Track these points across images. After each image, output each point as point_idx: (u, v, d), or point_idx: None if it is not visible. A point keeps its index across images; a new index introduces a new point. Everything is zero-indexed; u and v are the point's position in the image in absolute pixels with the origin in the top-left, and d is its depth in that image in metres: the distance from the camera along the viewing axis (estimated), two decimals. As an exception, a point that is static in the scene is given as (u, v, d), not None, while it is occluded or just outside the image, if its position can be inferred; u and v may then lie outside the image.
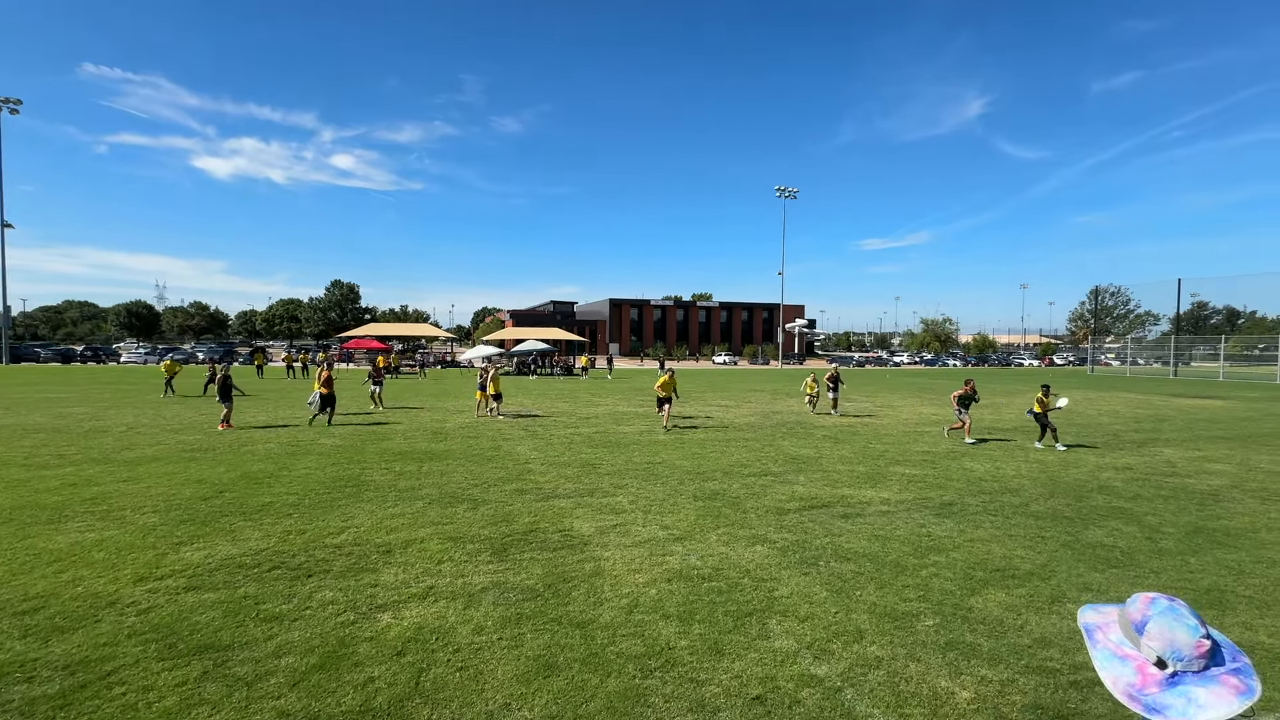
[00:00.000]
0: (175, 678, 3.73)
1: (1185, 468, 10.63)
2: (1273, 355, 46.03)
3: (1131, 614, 1.18)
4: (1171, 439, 14.08)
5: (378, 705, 3.49)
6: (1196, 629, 1.10)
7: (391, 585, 5.17)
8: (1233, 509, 7.92)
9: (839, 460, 11.02)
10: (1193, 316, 79.44)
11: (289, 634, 4.30)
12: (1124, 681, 1.12)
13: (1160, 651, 1.10)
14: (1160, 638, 1.11)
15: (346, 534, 6.55)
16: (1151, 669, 1.10)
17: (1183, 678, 1.07)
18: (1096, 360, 62.95)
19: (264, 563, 5.67)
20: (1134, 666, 1.13)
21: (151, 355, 56.51)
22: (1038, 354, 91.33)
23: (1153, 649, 1.11)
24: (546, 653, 4.07)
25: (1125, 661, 1.14)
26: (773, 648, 4.17)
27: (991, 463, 10.89)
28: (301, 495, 8.19)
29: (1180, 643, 1.09)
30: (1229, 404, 23.23)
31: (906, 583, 5.31)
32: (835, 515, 7.45)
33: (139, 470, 9.67)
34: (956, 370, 60.42)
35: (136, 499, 7.91)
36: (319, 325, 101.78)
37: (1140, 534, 6.80)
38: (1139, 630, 1.15)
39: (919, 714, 3.45)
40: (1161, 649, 1.10)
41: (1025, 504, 8.06)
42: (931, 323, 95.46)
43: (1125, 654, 1.15)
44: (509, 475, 9.58)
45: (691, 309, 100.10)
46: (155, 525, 6.80)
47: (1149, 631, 1.13)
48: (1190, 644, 1.08)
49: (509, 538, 6.48)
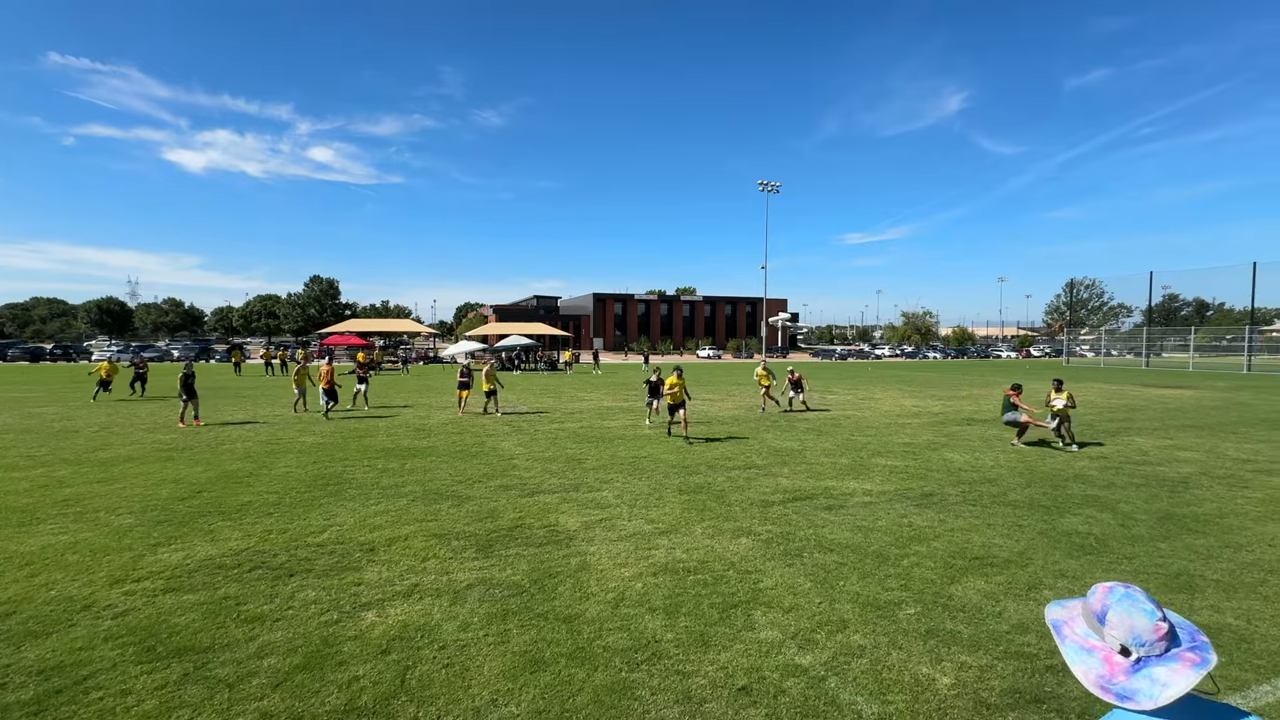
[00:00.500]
0: (154, 681, 3.67)
1: (1157, 456, 10.91)
2: (1239, 346, 47.36)
3: (1092, 605, 1.20)
4: (1144, 428, 14.44)
5: (363, 704, 3.46)
6: (1153, 613, 1.13)
7: (375, 583, 5.13)
8: (1201, 495, 8.15)
9: (822, 453, 11.14)
10: (1164, 309, 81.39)
11: (271, 634, 4.25)
12: (1094, 673, 1.15)
13: (1123, 639, 1.13)
14: (1121, 625, 1.13)
15: (329, 533, 6.48)
16: (1117, 658, 1.13)
17: (1146, 662, 1.10)
18: (1072, 352, 64.22)
19: (244, 563, 5.59)
20: (1100, 657, 1.15)
21: (124, 353, 55.20)
22: (1015, 346, 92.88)
23: (1115, 637, 1.14)
24: (533, 648, 4.07)
25: (1092, 653, 1.17)
26: (758, 639, 4.22)
27: (971, 453, 11.08)
28: (282, 494, 8.08)
29: (1140, 628, 1.11)
30: (1198, 394, 23.87)
31: (889, 572, 5.39)
32: (819, 507, 7.53)
33: (113, 471, 9.46)
34: (937, 363, 61.23)
35: (111, 500, 7.75)
36: (298, 322, 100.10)
37: (1114, 521, 6.97)
38: (1101, 620, 1.17)
39: (901, 701, 3.52)
40: (1124, 636, 1.13)
41: (1003, 493, 8.22)
42: (912, 316, 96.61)
43: (1091, 645, 1.18)
44: (493, 471, 9.54)
45: (676, 303, 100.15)
46: (131, 526, 6.67)
47: (1110, 621, 1.15)
48: (1149, 628, 1.11)
49: (494, 534, 6.46)
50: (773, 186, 71.61)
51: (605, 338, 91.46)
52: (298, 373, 17.22)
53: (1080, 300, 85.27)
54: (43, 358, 52.91)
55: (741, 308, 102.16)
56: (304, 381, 17.09)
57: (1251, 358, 44.03)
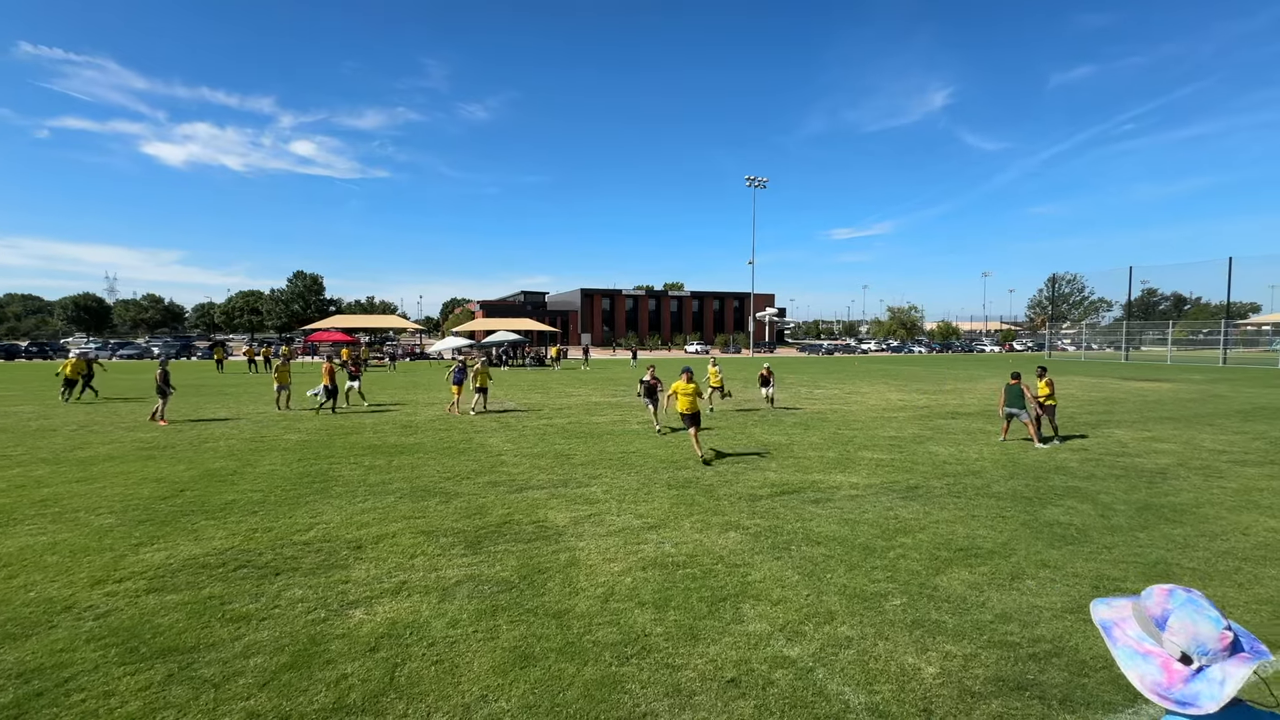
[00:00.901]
0: (138, 682, 3.62)
1: (1136, 448, 11.12)
2: (1215, 340, 48.37)
3: (1150, 608, 1.14)
4: (1123, 420, 14.70)
5: (351, 702, 3.45)
6: (1219, 621, 1.07)
7: (363, 581, 5.10)
8: (1179, 486, 8.32)
9: (809, 446, 11.22)
10: (1143, 303, 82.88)
11: (257, 633, 4.21)
12: (1150, 680, 1.09)
13: (1184, 646, 1.07)
14: (1183, 632, 1.07)
15: (315, 530, 6.43)
16: (1176, 665, 1.07)
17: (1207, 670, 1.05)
18: (1054, 345, 65.18)
19: (229, 562, 5.53)
20: (1158, 664, 1.09)
21: (103, 350, 54.19)
22: (999, 340, 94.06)
23: (1176, 644, 1.08)
24: (523, 643, 4.08)
25: (1149, 659, 1.11)
26: (746, 631, 4.25)
27: (956, 446, 11.22)
28: (267, 492, 8.00)
29: (1205, 636, 1.06)
30: (1175, 386, 24.34)
31: (875, 564, 5.46)
32: (806, 500, 7.59)
33: (92, 470, 9.30)
34: (922, 357, 61.84)
35: (91, 500, 7.62)
36: (281, 318, 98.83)
37: (1094, 512, 7.10)
38: (1160, 625, 1.11)
39: (887, 690, 3.57)
40: (1185, 643, 1.07)
41: (987, 485, 8.33)
42: (898, 311, 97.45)
43: (1147, 651, 1.11)
44: (482, 468, 9.50)
45: (663, 298, 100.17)
46: (112, 526, 6.56)
47: (1171, 626, 1.09)
48: (1215, 636, 1.06)
49: (483, 530, 6.44)
50: (760, 182, 71.80)
51: (593, 333, 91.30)
52: (279, 369, 16.95)
53: (1062, 295, 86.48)
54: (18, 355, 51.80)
55: (729, 303, 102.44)
56: (286, 379, 16.80)
57: (1227, 351, 45.00)
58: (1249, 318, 79.94)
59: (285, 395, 16.68)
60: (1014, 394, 11.56)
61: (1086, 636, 4.17)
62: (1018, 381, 11.68)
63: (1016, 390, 11.56)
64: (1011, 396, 11.58)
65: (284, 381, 16.71)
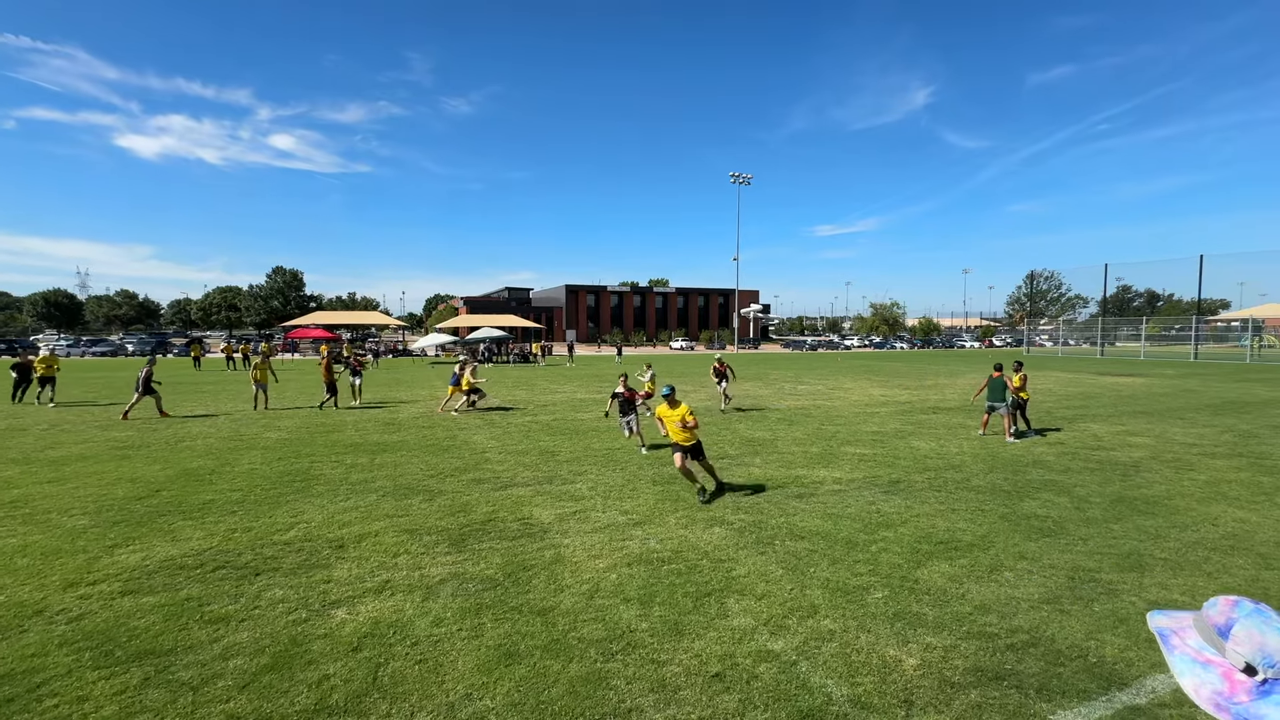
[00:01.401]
0: (113, 686, 3.55)
1: (1110, 441, 11.36)
2: (1187, 335, 49.54)
3: (1214, 618, 1.10)
4: (1098, 414, 15.01)
5: (334, 702, 3.41)
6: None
7: (345, 581, 5.05)
8: (1151, 478, 8.52)
9: (793, 442, 11.30)
10: (1118, 299, 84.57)
11: (237, 635, 4.15)
12: (1209, 689, 1.05)
13: (1249, 657, 1.03)
14: (1249, 642, 1.04)
15: (296, 530, 6.34)
16: (1239, 675, 1.03)
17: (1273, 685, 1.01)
18: (1032, 341, 66.32)
19: (207, 563, 5.44)
20: (1219, 673, 1.05)
21: (74, 347, 52.90)
22: (979, 336, 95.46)
23: (1240, 654, 1.04)
24: (507, 641, 4.06)
25: (1209, 668, 1.07)
26: (731, 626, 4.28)
27: (937, 441, 11.37)
28: (246, 491, 7.88)
29: (1271, 648, 1.01)
30: (1148, 381, 24.90)
31: (858, 558, 5.52)
32: (790, 495, 7.65)
33: (64, 470, 9.09)
34: (904, 353, 62.55)
35: (63, 500, 7.45)
36: (260, 314, 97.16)
37: (1070, 504, 7.25)
38: (1223, 634, 1.07)
39: (869, 682, 3.62)
40: (1250, 654, 1.03)
41: (967, 479, 8.46)
42: (880, 307, 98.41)
43: (1208, 660, 1.08)
44: (466, 465, 9.44)
45: (648, 295, 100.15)
46: (85, 528, 6.42)
47: (1236, 636, 1.05)
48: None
49: (467, 528, 6.40)
50: (744, 178, 71.98)
51: (578, 330, 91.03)
52: (257, 368, 16.37)
53: (1040, 291, 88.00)
54: (-15, 353, 50.37)
55: (714, 299, 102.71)
56: (265, 378, 16.36)
57: (1198, 346, 46.09)
58: (1219, 314, 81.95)
59: (263, 396, 16.21)
60: (997, 386, 11.59)
61: (1063, 627, 4.26)
62: (1000, 374, 11.72)
63: (999, 383, 11.59)
64: (994, 389, 11.63)
65: (262, 381, 16.22)
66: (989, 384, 11.75)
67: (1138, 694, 3.51)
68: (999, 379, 11.61)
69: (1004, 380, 11.59)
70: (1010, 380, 11.70)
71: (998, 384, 11.59)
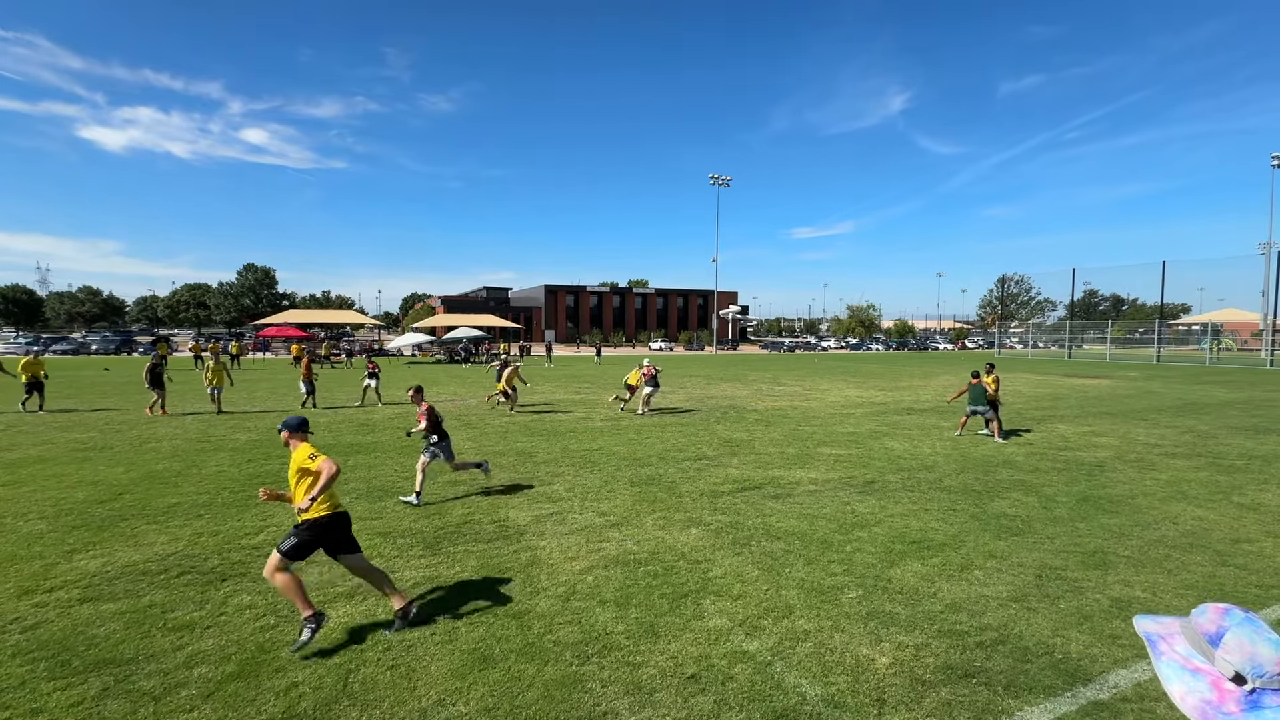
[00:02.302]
0: (69, 697, 3.43)
1: (1077, 442, 11.66)
2: (1150, 339, 51.13)
3: (1203, 625, 1.10)
4: (1065, 415, 15.40)
5: (302, 710, 3.34)
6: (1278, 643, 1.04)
7: (315, 585, 4.95)
8: (1115, 478, 8.76)
9: (770, 443, 11.39)
10: (1085, 303, 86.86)
11: (202, 643, 4.04)
12: (1197, 697, 1.05)
13: (1239, 666, 1.03)
14: (1239, 651, 1.04)
15: (265, 534, 6.20)
16: (1228, 685, 1.04)
17: (1261, 695, 1.01)
18: (1003, 344, 67.80)
19: (172, 568, 5.29)
20: (1208, 682, 1.05)
21: (35, 345, 51.08)
22: (952, 338, 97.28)
23: (1230, 663, 1.04)
24: (482, 645, 4.02)
25: (1198, 675, 1.07)
26: (707, 627, 4.29)
27: (910, 442, 11.56)
28: (214, 494, 7.68)
29: (1262, 657, 1.02)
30: (1114, 383, 25.63)
31: (832, 558, 5.58)
32: (767, 496, 7.71)
33: (21, 473, 8.76)
34: (880, 354, 63.47)
35: (19, 504, 7.18)
36: (230, 312, 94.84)
37: (1038, 503, 7.42)
38: (1213, 643, 1.07)
39: (843, 681, 3.65)
40: (1240, 663, 1.03)
41: (939, 479, 8.61)
42: (856, 309, 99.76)
43: (1197, 668, 1.08)
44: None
45: (628, 295, 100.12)
46: (42, 533, 6.20)
47: (1225, 644, 1.05)
48: (1273, 659, 1.02)
49: (442, 531, 6.33)
50: (724, 180, 72.38)
51: (557, 330, 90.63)
52: (212, 370, 15.50)
53: (1010, 295, 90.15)
54: (-63, 351, 48.38)
55: (693, 300, 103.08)
56: (221, 380, 15.52)
57: (1161, 349, 47.61)
58: (1180, 318, 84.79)
59: (218, 398, 15.46)
60: (978, 392, 11.80)
61: (1030, 624, 4.35)
62: (979, 380, 11.92)
63: (980, 389, 11.81)
64: (975, 395, 11.82)
65: (217, 384, 15.44)
66: (970, 390, 11.98)
67: (1101, 689, 3.60)
68: (979, 385, 11.85)
69: (983, 387, 11.82)
70: (988, 385, 11.92)
71: (978, 390, 11.82)
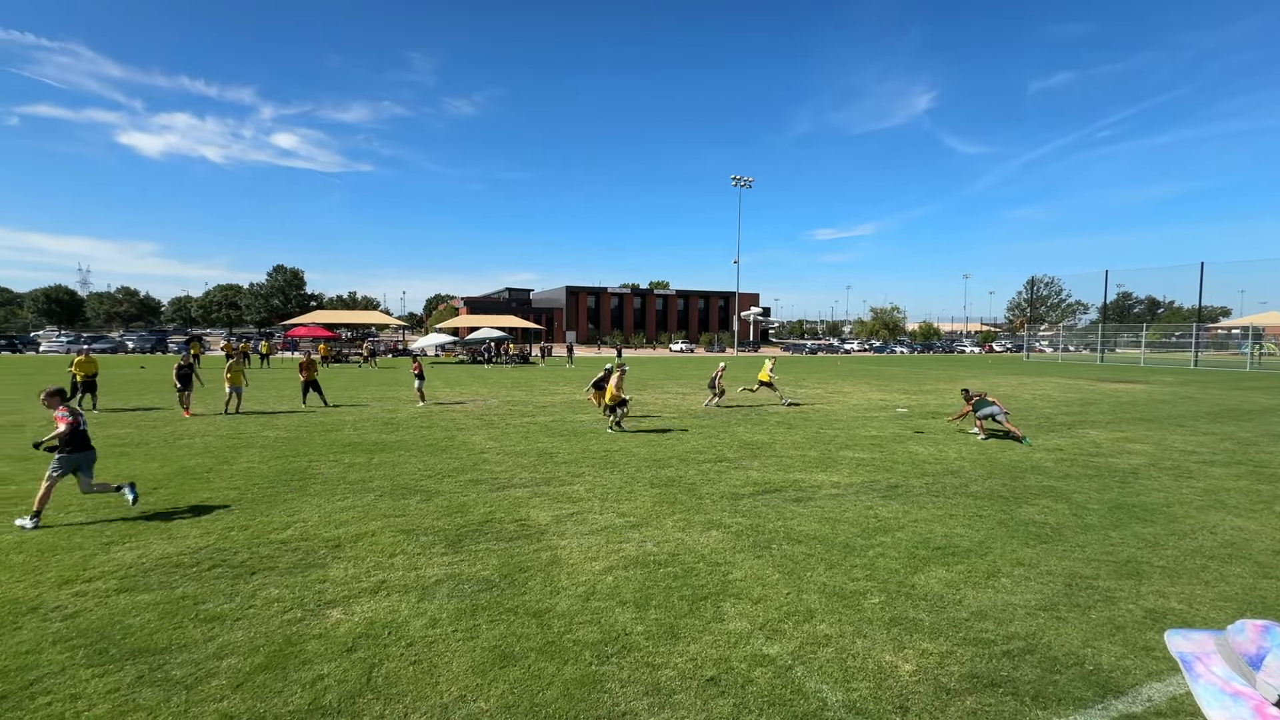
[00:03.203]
0: (106, 684, 3.54)
1: (1109, 448, 11.35)
2: (1187, 343, 49.55)
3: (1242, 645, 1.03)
4: (1097, 421, 14.99)
5: (327, 703, 3.40)
6: None
7: (341, 580, 5.04)
8: (1150, 486, 8.51)
9: (791, 445, 11.29)
10: (1118, 306, 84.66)
11: (231, 634, 4.14)
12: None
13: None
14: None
15: (293, 529, 6.33)
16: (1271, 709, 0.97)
17: None
18: (1032, 347, 66.34)
19: (203, 561, 5.43)
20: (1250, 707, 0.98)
21: (75, 344, 52.91)
22: (978, 341, 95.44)
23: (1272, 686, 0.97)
24: (503, 643, 4.05)
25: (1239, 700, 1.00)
26: (727, 630, 4.27)
27: (935, 446, 11.36)
28: (244, 490, 7.87)
29: None
30: (1148, 388, 24.88)
31: (855, 563, 5.51)
32: (788, 499, 7.64)
33: (62, 467, 9.06)
34: (904, 357, 62.54)
35: (58, 498, 7.42)
36: (260, 313, 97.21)
37: (1068, 511, 7.23)
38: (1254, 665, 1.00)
39: (865, 688, 3.60)
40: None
41: (965, 485, 8.45)
42: (880, 311, 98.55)
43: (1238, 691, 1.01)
44: (463, 465, 9.43)
45: (649, 297, 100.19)
46: (81, 525, 6.42)
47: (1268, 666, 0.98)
48: None
49: (464, 529, 6.39)
50: (745, 181, 72.06)
51: (578, 331, 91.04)
52: (232, 370, 15.15)
53: (1040, 297, 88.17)
54: (-15, 348, 50.39)
55: (714, 302, 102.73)
56: (239, 380, 15.27)
57: (1198, 354, 46.11)
58: (1219, 321, 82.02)
59: (236, 398, 15.24)
60: (980, 406, 12.26)
61: (1059, 634, 4.25)
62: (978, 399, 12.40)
63: (984, 401, 12.30)
64: (980, 403, 12.31)
65: (235, 384, 15.18)
66: (974, 407, 12.40)
67: (1134, 702, 3.50)
68: (980, 400, 12.37)
69: (985, 401, 12.31)
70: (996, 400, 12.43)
71: (983, 403, 12.30)
